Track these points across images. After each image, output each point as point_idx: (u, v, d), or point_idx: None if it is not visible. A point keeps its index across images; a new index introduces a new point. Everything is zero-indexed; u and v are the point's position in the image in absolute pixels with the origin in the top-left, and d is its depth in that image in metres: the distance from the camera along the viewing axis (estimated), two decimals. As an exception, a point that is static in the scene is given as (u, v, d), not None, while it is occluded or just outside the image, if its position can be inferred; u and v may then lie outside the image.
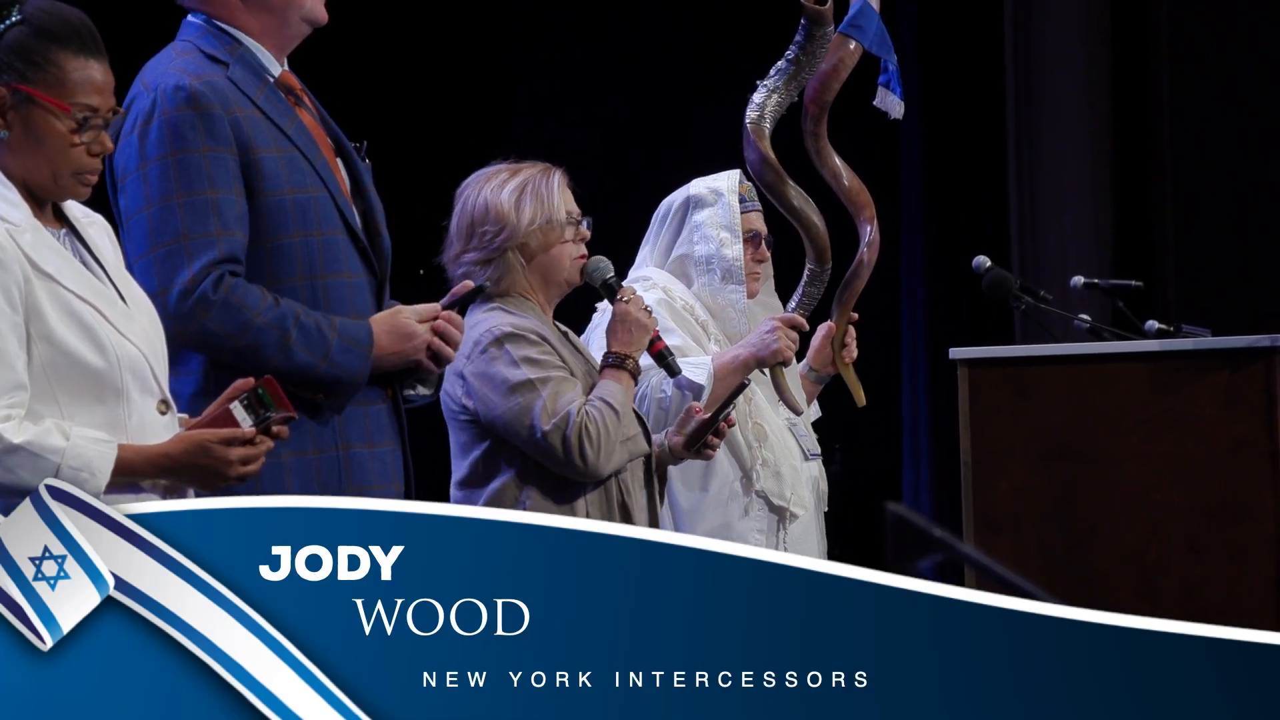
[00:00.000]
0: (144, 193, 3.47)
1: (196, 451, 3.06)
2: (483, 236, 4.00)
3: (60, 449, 2.95)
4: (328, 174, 3.59)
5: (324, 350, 3.48)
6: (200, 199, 3.45)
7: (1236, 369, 4.51)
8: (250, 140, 3.50)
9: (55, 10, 3.08)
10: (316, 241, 3.54)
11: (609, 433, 3.91)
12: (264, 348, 3.44)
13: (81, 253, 3.13)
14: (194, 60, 3.55)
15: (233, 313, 3.43)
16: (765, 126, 4.67)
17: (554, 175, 4.05)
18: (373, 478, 3.58)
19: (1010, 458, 4.60)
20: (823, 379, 4.89)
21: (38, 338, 2.99)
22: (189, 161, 3.45)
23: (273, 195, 3.51)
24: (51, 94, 3.04)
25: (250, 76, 3.57)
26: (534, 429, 3.88)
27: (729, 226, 4.70)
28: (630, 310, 4.08)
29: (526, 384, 3.91)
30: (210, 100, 3.48)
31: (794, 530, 4.65)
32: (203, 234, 3.44)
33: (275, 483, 3.44)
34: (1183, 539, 4.50)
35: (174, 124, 3.46)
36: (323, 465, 3.53)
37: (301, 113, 3.64)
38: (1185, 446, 4.51)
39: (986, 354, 4.72)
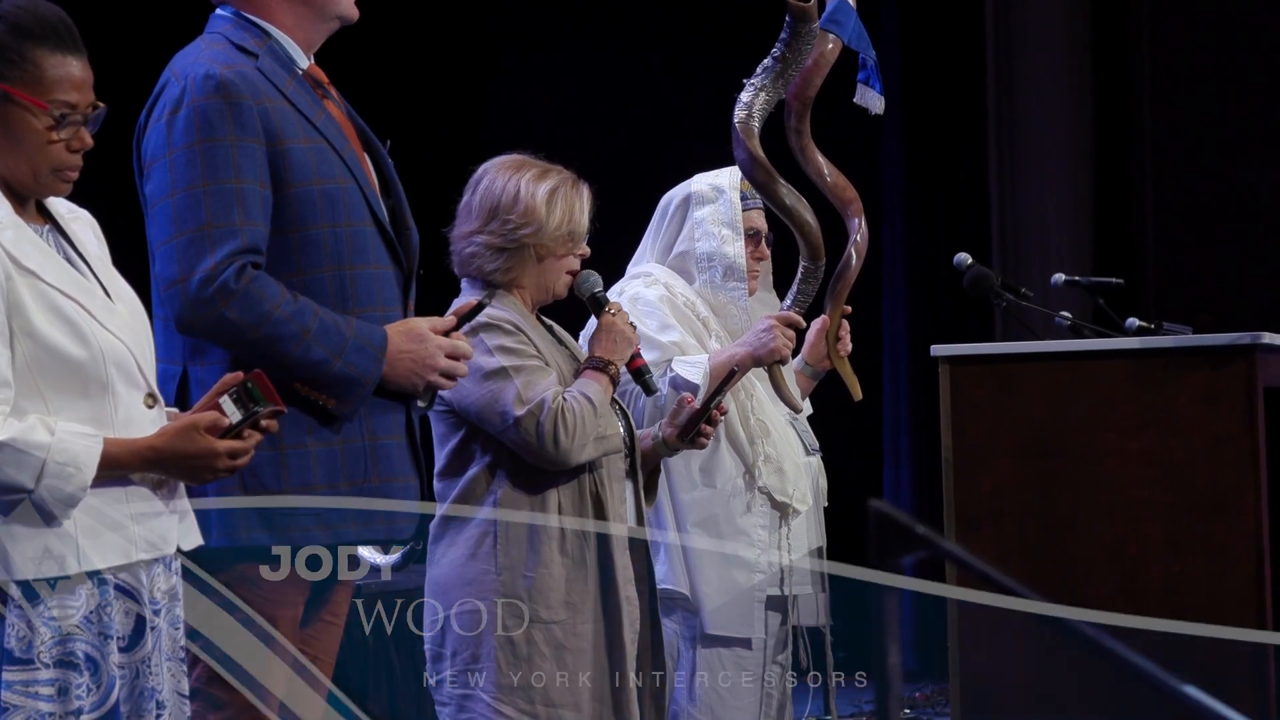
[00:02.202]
0: (169, 179, 3.46)
1: (182, 439, 3.06)
2: (505, 223, 4.00)
3: (45, 444, 2.94)
4: (356, 166, 3.59)
5: (340, 347, 3.47)
6: (226, 188, 3.44)
7: (1217, 366, 4.52)
8: (279, 131, 3.50)
9: (32, 8, 3.07)
10: (345, 232, 3.54)
11: (584, 423, 3.93)
12: (282, 340, 3.44)
13: (65, 248, 3.13)
14: (224, 51, 3.55)
15: (253, 304, 3.42)
16: (754, 125, 4.67)
17: (584, 189, 4.07)
18: (397, 468, 3.58)
19: (991, 454, 4.61)
20: (818, 374, 4.90)
21: (20, 334, 2.99)
22: (216, 150, 3.45)
23: (301, 186, 3.51)
24: (29, 92, 3.03)
25: (279, 68, 3.57)
26: (506, 414, 3.90)
27: (730, 223, 4.70)
28: (617, 323, 4.11)
29: (500, 371, 3.93)
30: (240, 90, 3.48)
31: (793, 525, 4.66)
32: (226, 223, 3.43)
33: (301, 473, 3.45)
34: (1163, 535, 4.51)
35: (203, 112, 3.46)
36: (350, 455, 3.53)
37: (329, 105, 3.65)
38: (1165, 443, 4.52)
39: (968, 351, 4.73)
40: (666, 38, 9.58)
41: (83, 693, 2.98)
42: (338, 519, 3.52)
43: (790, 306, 4.76)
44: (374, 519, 3.55)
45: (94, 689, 2.99)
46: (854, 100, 4.84)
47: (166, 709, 3.10)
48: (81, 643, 2.99)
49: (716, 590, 4.56)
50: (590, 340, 4.13)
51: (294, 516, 3.47)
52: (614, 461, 4.05)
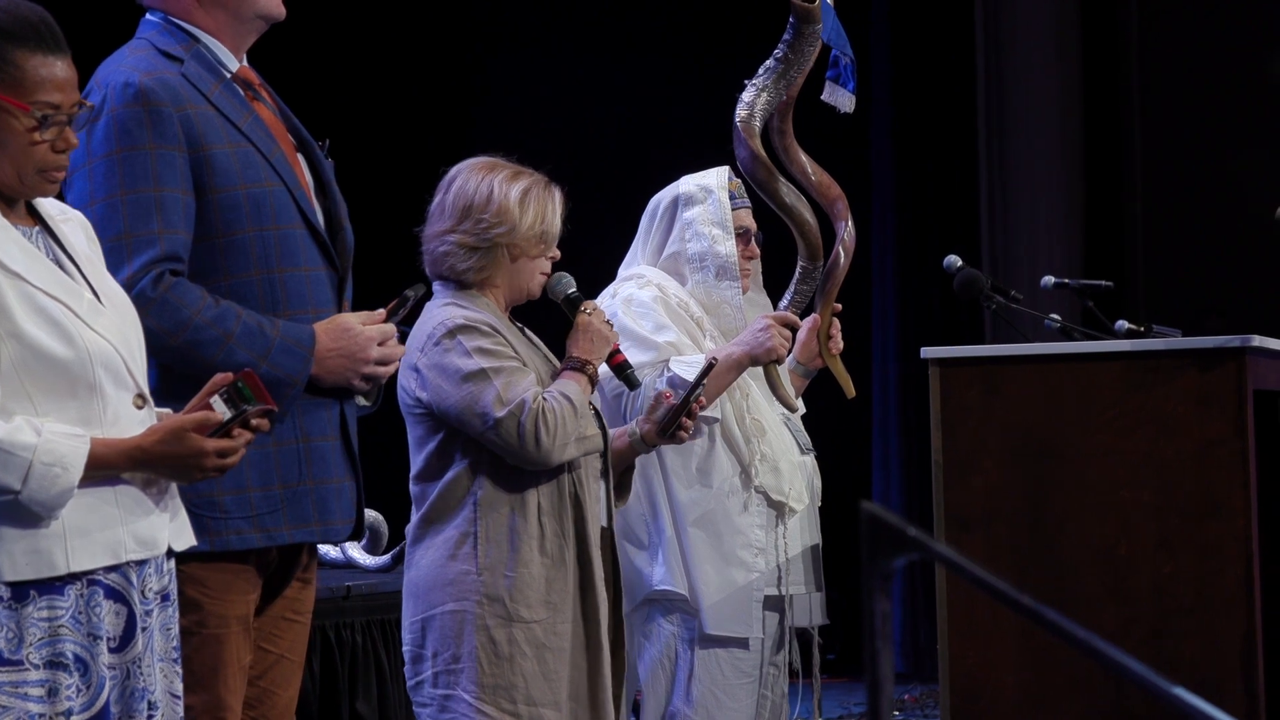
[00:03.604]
0: (89, 189, 3.46)
1: (171, 440, 3.05)
2: (479, 223, 4.00)
3: (32, 445, 2.94)
4: (285, 169, 3.58)
5: (265, 349, 3.46)
6: (144, 196, 3.43)
7: (1207, 369, 4.52)
8: (201, 137, 3.49)
9: (13, 8, 3.07)
10: (272, 235, 3.53)
11: (564, 423, 3.93)
12: (203, 345, 3.43)
13: (54, 250, 3.12)
14: (147, 57, 3.54)
15: (170, 311, 3.42)
16: (755, 125, 4.67)
17: (555, 191, 4.07)
18: (331, 470, 3.57)
19: (981, 456, 4.61)
20: (810, 373, 4.90)
21: (7, 335, 2.98)
22: (134, 159, 3.44)
23: (225, 191, 3.50)
24: (10, 93, 3.03)
25: (205, 73, 3.56)
26: (486, 416, 3.89)
27: (720, 223, 4.70)
28: (593, 322, 4.12)
29: (479, 373, 3.92)
30: (159, 97, 3.46)
31: (789, 525, 4.66)
32: (145, 231, 3.43)
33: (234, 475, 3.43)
34: (1153, 537, 4.51)
35: (121, 121, 3.45)
36: (282, 457, 3.52)
37: (260, 107, 3.63)
38: (1156, 446, 4.52)
39: (958, 353, 4.73)
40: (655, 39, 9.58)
41: (72, 693, 2.97)
42: (272, 521, 3.51)
43: (787, 306, 4.76)
44: (309, 519, 3.55)
45: (84, 689, 2.99)
46: (822, 98, 4.84)
47: (159, 710, 3.09)
48: (71, 643, 2.98)
49: (714, 589, 4.56)
50: (568, 341, 4.13)
51: (227, 520, 3.46)
52: (591, 461, 4.06)
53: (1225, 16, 10.14)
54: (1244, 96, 10.09)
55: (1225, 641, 4.45)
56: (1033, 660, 4.53)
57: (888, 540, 1.97)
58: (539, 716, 3.92)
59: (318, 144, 3.71)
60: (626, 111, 9.31)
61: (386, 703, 5.61)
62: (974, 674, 4.58)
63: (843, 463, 7.86)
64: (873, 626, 2.00)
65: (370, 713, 5.54)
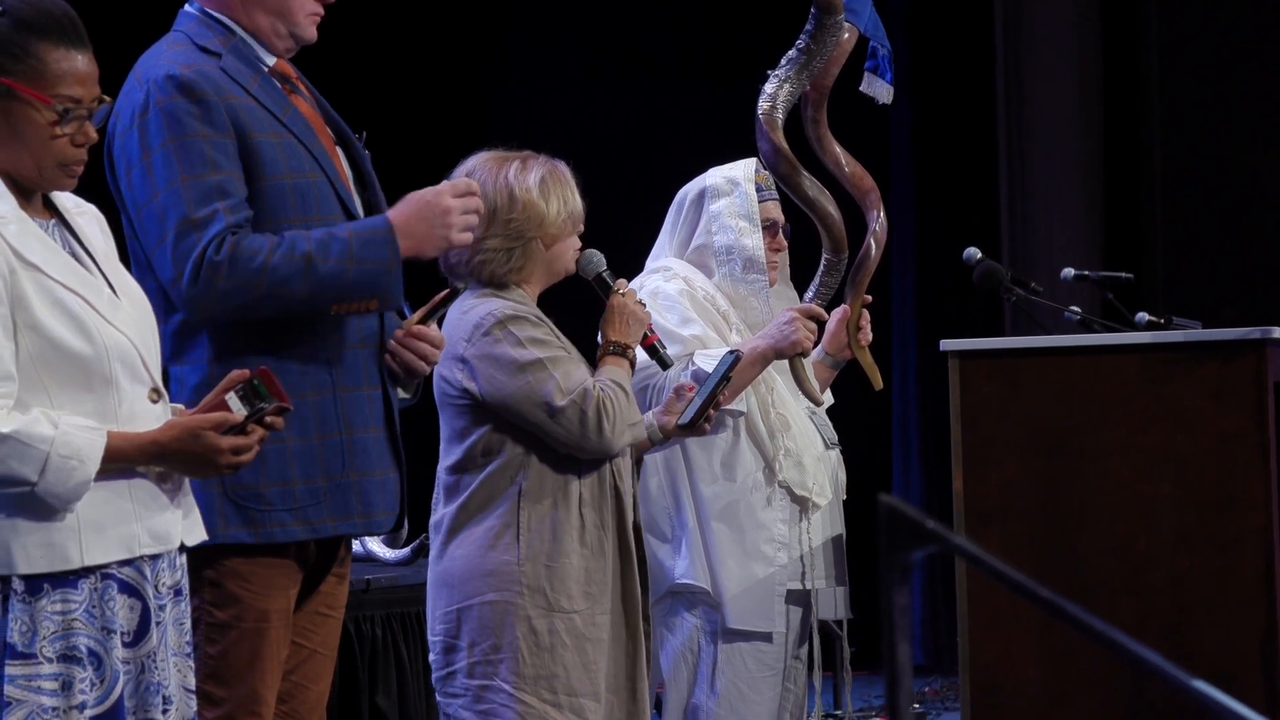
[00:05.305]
0: (151, 181, 3.45)
1: (187, 438, 3.06)
2: (509, 224, 3.97)
3: (49, 437, 2.94)
4: (326, 161, 3.58)
5: (346, 251, 3.45)
6: (205, 180, 3.43)
7: (1227, 361, 4.51)
8: (246, 126, 3.49)
9: (36, 2, 3.07)
10: (317, 226, 3.52)
11: (623, 411, 3.93)
12: (288, 280, 3.42)
13: (71, 243, 3.12)
14: (185, 51, 3.54)
15: (242, 265, 3.40)
16: (778, 117, 4.65)
17: (561, 167, 4.05)
18: (374, 462, 3.57)
19: (1001, 449, 4.60)
20: (838, 364, 4.88)
21: (24, 328, 2.98)
22: (190, 145, 3.44)
23: (272, 180, 3.50)
24: (32, 86, 3.03)
25: (243, 66, 3.56)
26: (549, 405, 3.87)
27: (747, 215, 4.68)
28: (627, 303, 4.09)
29: (536, 363, 3.90)
30: (203, 87, 3.47)
31: (813, 519, 4.65)
32: (209, 212, 3.42)
33: (279, 468, 3.44)
34: (1172, 531, 4.50)
35: (170, 111, 3.45)
36: (326, 449, 3.52)
37: (298, 100, 3.63)
38: (1175, 438, 4.51)
39: (977, 345, 4.72)
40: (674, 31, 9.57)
41: (86, 687, 2.97)
42: (315, 513, 3.51)
43: (812, 299, 4.74)
44: (351, 511, 3.55)
45: (97, 683, 2.99)
46: (860, 89, 4.82)
47: (173, 704, 3.09)
48: (84, 637, 2.98)
49: (736, 584, 4.55)
50: (603, 323, 4.11)
51: (271, 512, 3.46)
52: (626, 452, 4.05)
53: (1246, 10, 10.12)
54: (1264, 90, 10.06)
55: (1244, 634, 4.44)
56: (1052, 653, 4.52)
57: (907, 533, 1.97)
58: (579, 707, 3.91)
59: (356, 136, 3.72)
60: (643, 104, 9.30)
61: (406, 697, 5.61)
62: (994, 666, 4.57)
63: (866, 456, 7.86)
64: (891, 619, 1.99)
65: (390, 707, 5.54)
